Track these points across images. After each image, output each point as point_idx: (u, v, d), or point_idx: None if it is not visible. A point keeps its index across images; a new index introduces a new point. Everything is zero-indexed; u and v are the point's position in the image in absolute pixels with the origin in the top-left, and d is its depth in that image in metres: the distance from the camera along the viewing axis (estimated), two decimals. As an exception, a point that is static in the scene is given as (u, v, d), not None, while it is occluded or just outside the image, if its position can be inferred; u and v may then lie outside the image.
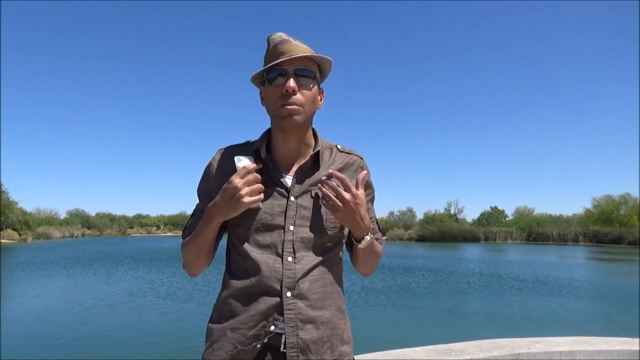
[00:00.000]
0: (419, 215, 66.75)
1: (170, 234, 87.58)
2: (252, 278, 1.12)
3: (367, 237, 1.18)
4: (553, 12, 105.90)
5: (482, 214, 68.63)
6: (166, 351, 6.71)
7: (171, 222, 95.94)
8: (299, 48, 1.14)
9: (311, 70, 1.15)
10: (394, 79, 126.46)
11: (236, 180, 1.08)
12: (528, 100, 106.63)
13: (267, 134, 1.25)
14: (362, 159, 1.29)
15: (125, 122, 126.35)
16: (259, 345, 1.08)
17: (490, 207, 69.10)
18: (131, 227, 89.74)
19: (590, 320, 9.19)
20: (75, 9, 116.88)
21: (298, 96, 1.13)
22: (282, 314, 1.09)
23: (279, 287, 1.10)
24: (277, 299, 1.09)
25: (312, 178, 1.19)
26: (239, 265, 1.16)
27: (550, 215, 64.61)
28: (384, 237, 1.43)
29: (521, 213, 67.01)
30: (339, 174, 1.13)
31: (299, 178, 1.18)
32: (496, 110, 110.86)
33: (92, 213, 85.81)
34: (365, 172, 1.20)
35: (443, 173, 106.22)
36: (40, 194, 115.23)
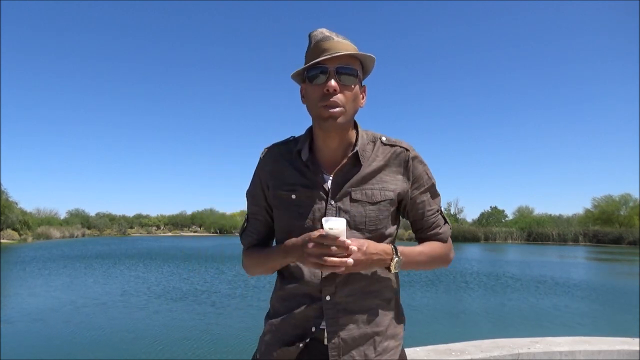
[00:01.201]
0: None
1: (170, 234, 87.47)
2: (296, 282, 1.15)
3: (393, 265, 1.11)
4: (553, 12, 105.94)
5: (482, 214, 68.64)
6: (153, 351, 6.69)
7: (171, 222, 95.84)
8: (342, 45, 1.10)
9: (354, 69, 1.11)
10: (394, 79, 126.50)
11: (312, 241, 1.01)
12: (528, 100, 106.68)
13: (310, 133, 1.21)
14: (408, 150, 1.20)
15: (125, 122, 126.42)
16: (301, 345, 1.11)
17: (490, 207, 69.17)
18: (131, 227, 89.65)
19: (590, 320, 9.19)
20: (75, 9, 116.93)
21: (339, 96, 1.09)
22: (322, 317, 1.11)
23: (319, 291, 1.12)
24: (318, 302, 1.12)
25: (353, 179, 1.15)
26: (286, 268, 1.19)
27: (550, 215, 64.66)
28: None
29: (521, 213, 67.01)
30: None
31: (339, 180, 1.15)
32: (496, 110, 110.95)
33: (92, 213, 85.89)
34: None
35: (443, 173, 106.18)
36: (40, 194, 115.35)
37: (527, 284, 14.47)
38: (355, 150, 1.15)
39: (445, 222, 1.27)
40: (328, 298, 1.11)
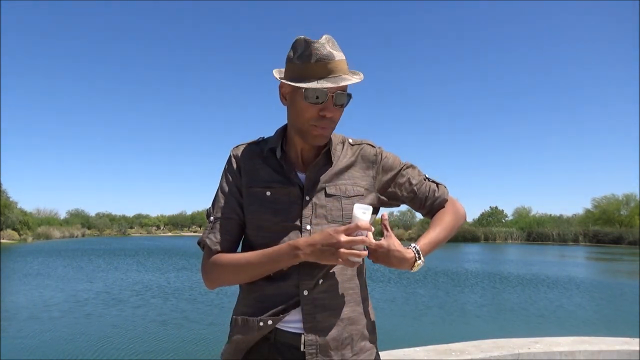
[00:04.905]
0: (419, 215, 66.52)
1: (170, 234, 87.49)
2: (271, 279, 1.12)
3: (419, 262, 1.12)
4: (553, 15, 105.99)
5: (482, 214, 68.60)
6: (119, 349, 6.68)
7: (171, 222, 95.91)
8: (342, 65, 1.10)
9: (348, 93, 1.13)
10: (393, 80, 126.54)
11: (342, 235, 1.01)
12: (528, 100, 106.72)
13: (283, 133, 1.23)
14: (373, 146, 1.26)
15: (126, 122, 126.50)
16: (271, 338, 1.10)
17: (490, 207, 69.15)
18: (131, 227, 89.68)
19: (590, 320, 9.19)
20: (75, 9, 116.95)
21: (332, 117, 1.12)
22: (300, 313, 1.09)
23: (296, 287, 1.10)
24: (295, 299, 1.09)
25: (326, 175, 1.18)
26: None
27: (550, 215, 64.65)
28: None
29: (519, 213, 67.01)
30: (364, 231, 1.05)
31: (313, 176, 1.17)
32: (496, 110, 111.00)
33: (92, 213, 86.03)
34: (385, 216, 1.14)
35: (443, 173, 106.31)
36: (40, 194, 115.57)
37: (527, 284, 14.47)
38: (327, 149, 1.19)
39: (437, 184, 1.31)
40: (306, 293, 1.09)
